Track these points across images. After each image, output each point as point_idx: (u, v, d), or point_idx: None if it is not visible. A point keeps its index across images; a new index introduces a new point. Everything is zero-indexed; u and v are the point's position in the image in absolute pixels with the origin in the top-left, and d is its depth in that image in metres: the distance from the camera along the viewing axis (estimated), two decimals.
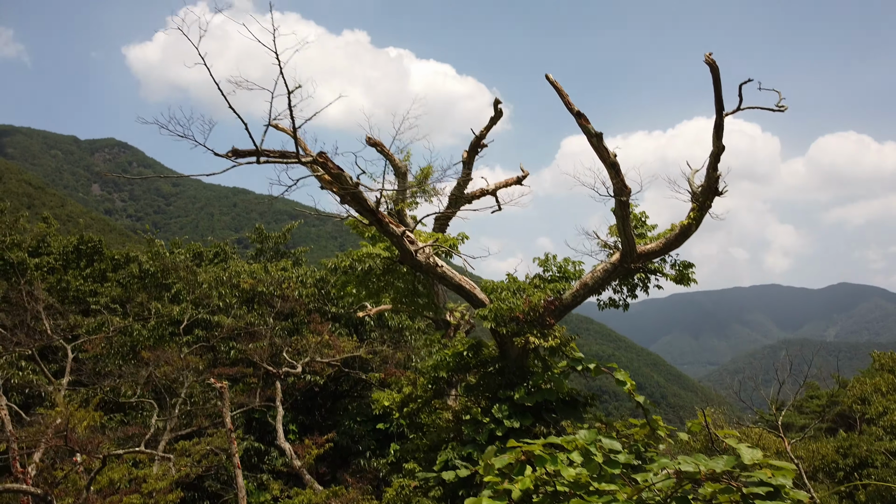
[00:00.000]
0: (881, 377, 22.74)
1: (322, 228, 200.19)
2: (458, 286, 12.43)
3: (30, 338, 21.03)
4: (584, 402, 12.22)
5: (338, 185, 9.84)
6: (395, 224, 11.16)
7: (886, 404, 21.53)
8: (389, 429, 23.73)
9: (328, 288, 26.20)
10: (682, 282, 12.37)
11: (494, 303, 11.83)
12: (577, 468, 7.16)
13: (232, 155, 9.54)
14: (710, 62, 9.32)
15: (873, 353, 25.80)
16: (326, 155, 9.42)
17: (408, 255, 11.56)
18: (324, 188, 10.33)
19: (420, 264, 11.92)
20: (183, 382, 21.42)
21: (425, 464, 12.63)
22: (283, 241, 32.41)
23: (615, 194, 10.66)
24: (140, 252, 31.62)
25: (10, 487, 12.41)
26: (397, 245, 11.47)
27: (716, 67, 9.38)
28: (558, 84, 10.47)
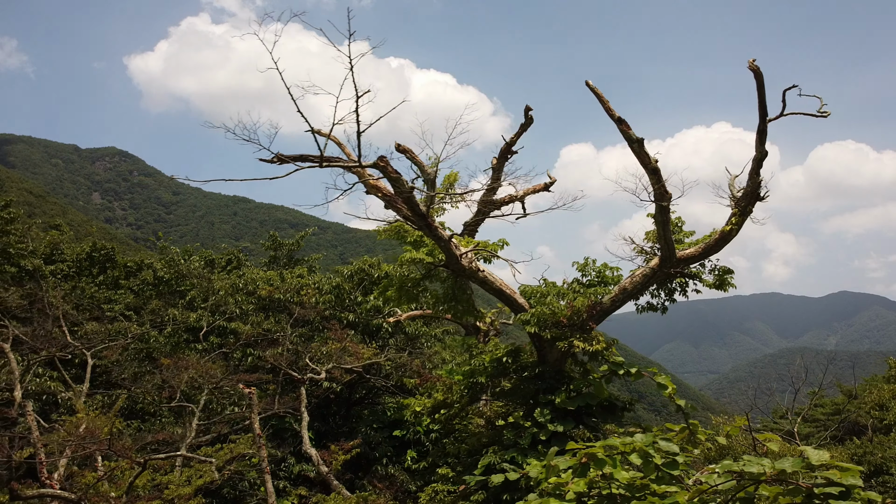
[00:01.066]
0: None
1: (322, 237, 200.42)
2: (498, 290, 12.48)
3: (49, 344, 21.05)
4: (622, 407, 12.26)
5: (394, 188, 9.90)
6: (441, 229, 11.23)
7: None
8: (406, 435, 23.74)
9: (344, 295, 26.27)
10: (721, 287, 12.45)
11: (537, 307, 11.89)
12: (631, 471, 7.21)
13: (276, 160, 9.60)
14: (753, 68, 9.41)
15: (889, 359, 25.85)
16: (386, 159, 9.51)
17: (453, 259, 11.62)
18: (369, 192, 10.39)
19: (464, 269, 11.97)
20: (202, 389, 21.43)
21: (461, 468, 12.63)
22: (296, 249, 32.49)
23: (656, 199, 10.74)
24: (154, 259, 31.68)
25: (45, 493, 12.41)
26: (444, 249, 11.53)
27: (760, 73, 9.47)
28: (598, 90, 10.56)
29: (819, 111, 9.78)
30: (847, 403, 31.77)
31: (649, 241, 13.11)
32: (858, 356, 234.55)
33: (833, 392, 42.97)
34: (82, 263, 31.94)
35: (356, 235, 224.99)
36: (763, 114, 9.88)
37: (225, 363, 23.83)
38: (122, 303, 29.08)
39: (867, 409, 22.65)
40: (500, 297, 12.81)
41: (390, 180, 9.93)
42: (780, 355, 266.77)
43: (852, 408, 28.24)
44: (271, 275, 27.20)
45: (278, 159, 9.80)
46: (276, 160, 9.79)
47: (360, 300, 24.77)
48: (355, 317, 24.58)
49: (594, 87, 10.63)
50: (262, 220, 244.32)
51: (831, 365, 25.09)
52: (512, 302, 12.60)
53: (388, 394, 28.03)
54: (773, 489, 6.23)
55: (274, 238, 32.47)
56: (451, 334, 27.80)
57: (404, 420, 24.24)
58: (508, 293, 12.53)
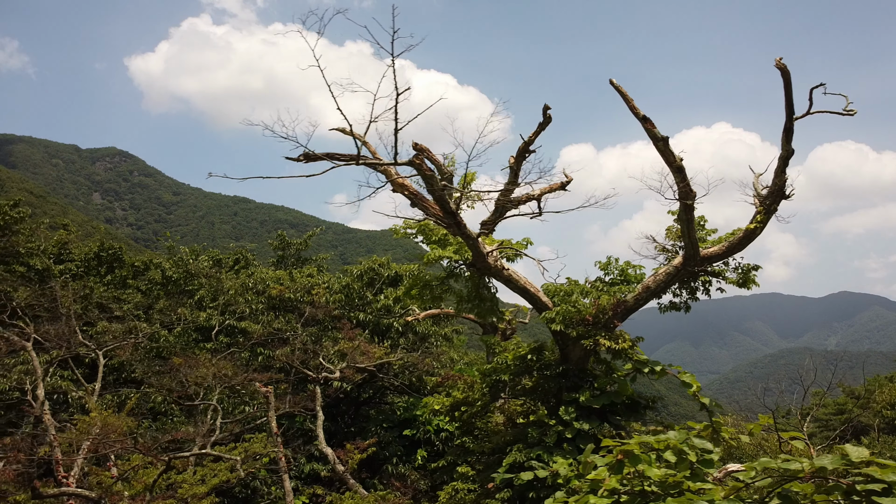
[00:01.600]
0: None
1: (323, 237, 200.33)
2: (522, 289, 12.50)
3: (62, 344, 21.05)
4: (645, 405, 12.28)
5: (427, 186, 9.92)
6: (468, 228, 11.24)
7: None
8: (416, 435, 23.76)
9: (354, 294, 26.28)
10: (745, 285, 12.47)
11: (562, 305, 11.90)
12: (662, 468, 7.22)
13: (303, 158, 9.62)
14: (780, 66, 9.43)
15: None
16: (422, 157, 9.53)
17: (481, 258, 11.63)
18: (395, 191, 10.41)
19: (490, 267, 11.99)
20: (214, 388, 21.43)
21: (481, 467, 12.65)
22: (304, 248, 32.50)
23: (680, 198, 10.76)
24: (162, 259, 31.70)
25: (67, 491, 12.42)
26: (472, 248, 11.55)
27: (787, 72, 9.50)
28: (623, 89, 10.58)
29: (845, 109, 9.79)
30: (860, 402, 31.80)
31: (670, 240, 13.14)
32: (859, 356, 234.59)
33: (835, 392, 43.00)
34: (90, 263, 31.96)
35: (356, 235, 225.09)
36: (790, 112, 9.90)
37: (236, 362, 23.85)
38: (130, 302, 29.09)
39: (878, 409, 22.67)
40: (523, 296, 12.83)
41: (424, 178, 9.96)
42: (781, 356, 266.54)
43: (855, 408, 28.25)
44: (281, 274, 27.21)
45: (305, 157, 9.81)
46: (302, 158, 9.80)
47: (371, 299, 24.78)
48: (365, 316, 24.59)
49: (618, 85, 10.65)
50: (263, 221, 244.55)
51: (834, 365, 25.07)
52: (536, 300, 12.62)
53: (398, 393, 28.06)
54: (807, 486, 6.25)
55: (282, 237, 32.50)
56: (459, 334, 27.81)
57: (415, 419, 24.26)
58: (532, 291, 12.54)
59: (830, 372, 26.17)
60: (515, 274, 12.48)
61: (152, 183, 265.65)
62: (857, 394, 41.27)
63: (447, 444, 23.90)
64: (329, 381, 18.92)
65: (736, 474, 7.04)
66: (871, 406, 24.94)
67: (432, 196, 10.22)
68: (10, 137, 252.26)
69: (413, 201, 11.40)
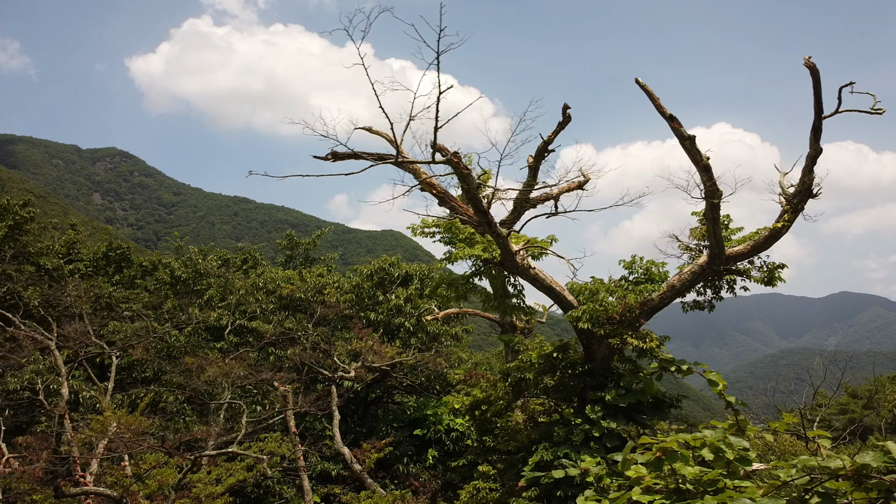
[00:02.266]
0: None
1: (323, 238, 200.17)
2: (548, 287, 12.51)
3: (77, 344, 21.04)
4: (669, 403, 12.30)
5: (463, 184, 9.93)
6: None
7: None
8: (427, 434, 23.78)
9: (364, 294, 26.30)
10: (770, 283, 12.49)
11: (588, 304, 11.92)
12: (695, 467, 7.22)
13: (332, 157, 9.63)
14: (810, 65, 9.45)
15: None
16: (459, 155, 9.54)
17: (509, 256, 11.65)
18: (423, 189, 10.43)
19: (518, 266, 12.01)
20: (226, 388, 21.42)
21: (504, 466, 12.65)
22: (312, 248, 32.51)
23: (707, 196, 10.77)
24: (171, 259, 31.71)
25: (90, 490, 12.42)
26: (502, 246, 11.56)
27: (816, 71, 9.51)
28: (649, 88, 10.60)
29: (872, 108, 9.80)
30: (863, 402, 31.85)
31: (694, 239, 13.16)
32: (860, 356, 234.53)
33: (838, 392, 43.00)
34: (98, 263, 31.99)
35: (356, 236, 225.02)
36: (818, 111, 9.92)
37: (246, 362, 23.86)
38: (139, 302, 29.09)
39: (889, 408, 22.70)
40: (549, 294, 12.84)
41: (461, 177, 9.96)
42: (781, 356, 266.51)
43: (861, 408, 28.25)
44: (291, 274, 27.23)
45: (333, 156, 9.82)
46: (330, 157, 9.81)
47: (382, 299, 24.78)
48: (377, 316, 24.60)
49: (644, 84, 10.66)
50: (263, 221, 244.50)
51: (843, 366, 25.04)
52: (561, 299, 12.63)
53: (406, 393, 28.06)
54: (843, 484, 6.25)
55: (291, 237, 32.52)
56: (469, 333, 27.83)
57: (425, 419, 24.27)
58: (558, 290, 12.56)
59: (839, 371, 26.17)
60: (541, 272, 12.49)
61: (152, 183, 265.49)
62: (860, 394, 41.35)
63: (458, 444, 23.91)
64: (342, 380, 18.91)
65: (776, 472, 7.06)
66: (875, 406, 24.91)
67: (467, 194, 10.22)
68: (10, 138, 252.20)
69: (441, 200, 11.41)
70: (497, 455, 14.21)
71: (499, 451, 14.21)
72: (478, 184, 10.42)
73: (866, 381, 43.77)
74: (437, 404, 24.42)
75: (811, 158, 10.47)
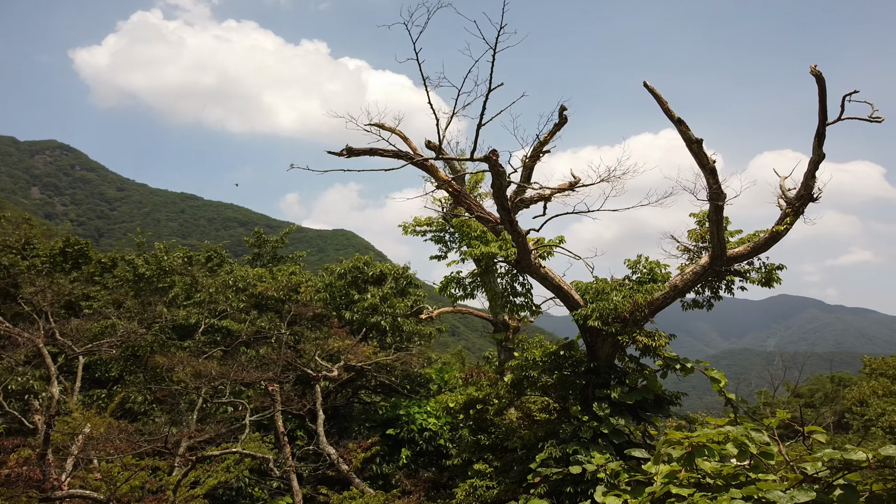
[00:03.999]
0: (877, 381, 23.88)
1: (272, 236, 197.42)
2: (557, 287, 12.60)
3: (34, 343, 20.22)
4: (669, 400, 12.56)
5: (495, 182, 9.89)
6: None
7: (884, 406, 22.60)
8: (399, 434, 23.71)
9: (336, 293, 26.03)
10: (768, 283, 12.87)
11: (598, 303, 12.06)
12: (711, 462, 7.41)
13: (346, 153, 9.54)
14: (815, 73, 9.80)
15: (864, 358, 27.03)
16: (497, 153, 9.51)
17: (526, 255, 11.69)
18: (440, 187, 10.39)
19: (531, 265, 12.06)
20: (200, 388, 20.93)
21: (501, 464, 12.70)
22: (280, 246, 32.01)
23: (712, 199, 11.04)
24: (133, 255, 30.75)
25: (76, 493, 11.94)
26: (520, 245, 11.59)
27: (822, 79, 9.86)
28: (657, 91, 10.79)
29: (871, 116, 10.20)
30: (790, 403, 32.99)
31: (692, 240, 13.49)
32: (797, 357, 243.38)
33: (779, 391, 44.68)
34: (56, 259, 30.83)
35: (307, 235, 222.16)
36: (822, 118, 10.26)
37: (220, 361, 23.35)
38: (101, 300, 28.15)
39: (848, 406, 23.67)
40: (556, 293, 12.93)
41: (496, 175, 9.93)
42: (723, 356, 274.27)
43: (846, 402, 28.92)
44: (262, 272, 26.75)
45: (348, 152, 9.72)
46: (345, 153, 9.70)
47: (357, 298, 24.59)
48: (351, 315, 24.39)
49: (652, 87, 10.86)
50: (211, 219, 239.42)
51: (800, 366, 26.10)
52: (568, 298, 12.74)
53: (376, 392, 27.89)
54: (859, 475, 6.50)
55: (258, 235, 31.94)
56: (442, 332, 27.85)
57: (398, 419, 24.19)
58: (566, 289, 12.67)
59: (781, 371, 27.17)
60: (551, 271, 12.59)
61: (95, 178, 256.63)
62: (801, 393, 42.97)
63: (430, 444, 23.91)
64: (327, 378, 18.69)
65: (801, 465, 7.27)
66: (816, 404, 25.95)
67: (497, 192, 10.20)
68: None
69: (456, 198, 11.38)
70: (493, 453, 14.27)
71: (495, 448, 14.26)
72: (509, 182, 10.44)
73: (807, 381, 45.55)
74: (410, 404, 24.37)
75: (814, 163, 10.85)
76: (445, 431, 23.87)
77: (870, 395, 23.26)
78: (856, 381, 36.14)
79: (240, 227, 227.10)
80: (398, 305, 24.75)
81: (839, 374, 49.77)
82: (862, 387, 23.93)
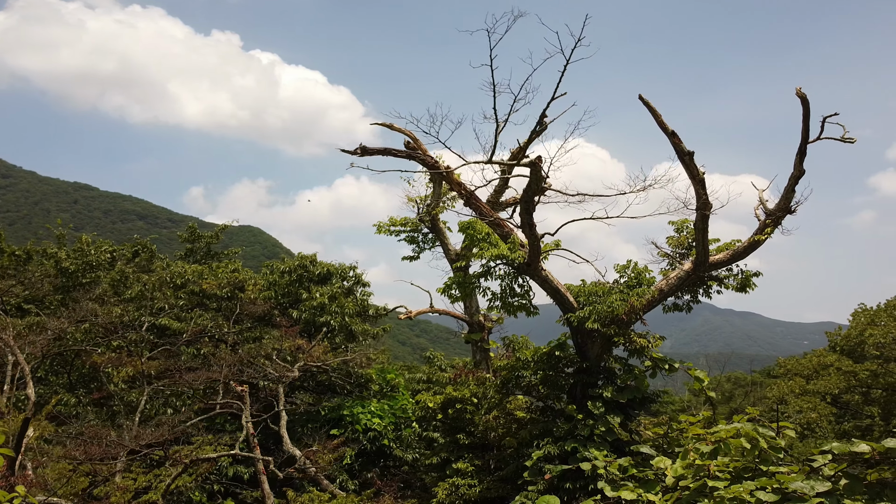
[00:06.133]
0: (794, 381, 25.80)
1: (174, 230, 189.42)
2: (555, 289, 12.92)
3: None
4: (651, 398, 13.16)
5: (532, 186, 10.02)
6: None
7: (801, 404, 24.46)
8: (343, 434, 23.55)
9: (279, 291, 25.48)
10: (744, 289, 13.71)
11: (595, 304, 12.48)
12: (722, 457, 7.98)
13: (360, 151, 9.55)
14: (801, 95, 10.62)
15: (779, 359, 29.08)
16: (541, 157, 9.64)
17: (536, 258, 11.92)
18: (452, 189, 10.47)
19: (537, 267, 12.30)
20: (143, 389, 20.04)
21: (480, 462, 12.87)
22: (215, 241, 30.95)
23: (699, 208, 11.70)
24: (55, 248, 28.95)
25: (50, 501, 11.22)
26: (534, 248, 11.79)
27: (806, 100, 10.70)
28: (651, 104, 11.34)
29: (843, 137, 11.17)
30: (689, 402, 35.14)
31: (671, 246, 14.22)
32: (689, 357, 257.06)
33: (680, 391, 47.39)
34: None
35: (212, 230, 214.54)
36: (805, 137, 11.13)
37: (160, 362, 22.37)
38: (20, 296, 26.38)
39: (770, 405, 25.41)
40: (554, 296, 13.27)
41: (538, 180, 10.08)
42: None
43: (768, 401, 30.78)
44: (200, 269, 25.80)
45: (362, 150, 9.70)
46: (359, 151, 9.68)
47: (305, 297, 24.19)
48: (299, 314, 23.97)
49: (647, 100, 11.40)
50: (107, 210, 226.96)
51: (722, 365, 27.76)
52: (565, 300, 13.11)
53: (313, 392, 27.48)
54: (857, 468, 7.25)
55: (193, 230, 30.75)
56: (387, 332, 27.79)
57: (342, 419, 24.01)
58: (563, 292, 13.03)
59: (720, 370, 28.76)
60: (551, 275, 12.93)
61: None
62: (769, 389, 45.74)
63: (374, 444, 23.88)
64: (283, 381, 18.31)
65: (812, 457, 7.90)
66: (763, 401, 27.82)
67: (528, 196, 10.37)
68: None
69: (466, 200, 11.49)
70: (472, 452, 14.47)
71: (474, 447, 14.46)
72: (546, 186, 10.65)
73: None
74: (353, 404, 24.22)
75: (794, 178, 11.73)
76: (389, 432, 23.91)
77: (788, 393, 25.13)
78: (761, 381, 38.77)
79: (139, 220, 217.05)
80: (347, 305, 24.55)
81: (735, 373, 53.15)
82: (781, 386, 25.83)
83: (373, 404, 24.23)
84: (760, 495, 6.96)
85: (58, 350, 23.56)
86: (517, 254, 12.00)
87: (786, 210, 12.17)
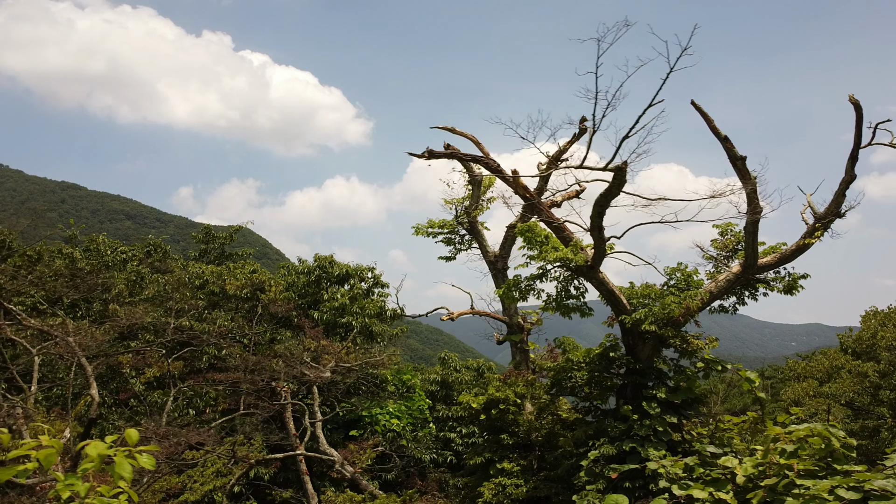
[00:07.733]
0: (807, 383, 26.14)
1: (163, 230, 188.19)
2: (609, 292, 13.09)
3: None
4: (701, 400, 13.35)
5: (612, 190, 10.16)
6: None
7: (816, 406, 24.80)
8: (363, 435, 23.63)
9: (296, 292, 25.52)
10: (790, 291, 13.93)
11: (652, 306, 12.65)
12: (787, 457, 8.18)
13: (427, 155, 9.68)
14: (854, 102, 10.86)
15: (789, 361, 29.39)
16: (627, 163, 9.78)
17: (599, 261, 12.07)
18: (516, 192, 10.62)
19: (597, 271, 12.47)
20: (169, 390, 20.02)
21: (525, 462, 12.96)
22: (228, 242, 30.92)
23: (751, 212, 11.91)
24: (71, 248, 28.79)
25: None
26: (600, 251, 11.95)
27: (859, 106, 10.94)
28: (703, 109, 11.54)
29: (891, 143, 11.43)
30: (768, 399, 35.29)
31: (716, 249, 14.44)
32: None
33: None
34: None
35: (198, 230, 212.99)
36: (857, 142, 11.37)
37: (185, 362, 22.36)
38: (35, 296, 26.21)
39: (785, 406, 25.72)
40: (609, 298, 13.44)
41: (618, 185, 10.23)
42: None
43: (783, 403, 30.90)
44: (218, 269, 25.79)
45: (429, 154, 9.83)
46: (426, 155, 9.80)
47: (326, 298, 24.24)
48: (320, 315, 24.03)
49: (699, 106, 11.59)
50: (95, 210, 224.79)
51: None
52: (619, 302, 13.28)
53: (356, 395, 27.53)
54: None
55: (207, 230, 30.69)
56: (405, 334, 27.92)
57: (360, 420, 24.08)
58: (617, 294, 13.21)
59: None
60: (607, 277, 13.09)
61: None
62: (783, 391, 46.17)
63: (393, 445, 23.99)
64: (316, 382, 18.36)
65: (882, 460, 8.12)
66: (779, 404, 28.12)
67: (604, 200, 10.52)
68: None
69: (531, 207, 11.64)
70: (516, 452, 14.58)
71: (517, 447, 14.57)
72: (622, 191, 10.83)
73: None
74: (371, 405, 24.31)
75: (845, 183, 11.98)
76: (407, 432, 24.02)
77: (803, 395, 25.45)
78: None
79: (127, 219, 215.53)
80: (367, 306, 24.63)
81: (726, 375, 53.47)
82: (795, 388, 26.15)
83: (390, 405, 24.32)
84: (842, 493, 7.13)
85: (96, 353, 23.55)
86: (579, 256, 12.17)
87: (836, 214, 12.42)
